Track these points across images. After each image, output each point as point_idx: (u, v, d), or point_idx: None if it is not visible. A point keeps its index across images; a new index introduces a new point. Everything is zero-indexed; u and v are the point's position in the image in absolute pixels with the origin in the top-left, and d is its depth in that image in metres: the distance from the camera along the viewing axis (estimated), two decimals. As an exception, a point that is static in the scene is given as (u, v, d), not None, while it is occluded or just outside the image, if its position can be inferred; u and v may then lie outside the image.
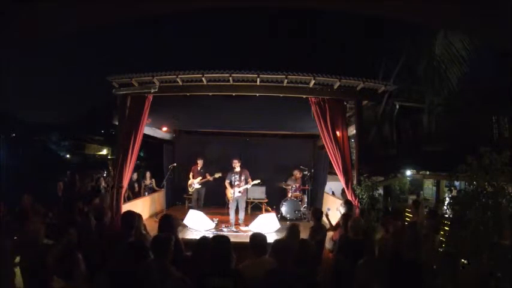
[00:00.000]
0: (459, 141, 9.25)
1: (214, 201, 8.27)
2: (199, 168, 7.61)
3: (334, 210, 5.43)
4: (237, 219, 6.58)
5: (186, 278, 2.33)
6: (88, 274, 2.38)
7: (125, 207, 5.96)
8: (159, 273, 2.41)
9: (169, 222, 3.44)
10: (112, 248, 2.98)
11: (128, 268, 2.46)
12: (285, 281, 2.34)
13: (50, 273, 2.16)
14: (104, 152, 25.52)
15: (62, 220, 5.31)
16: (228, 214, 6.70)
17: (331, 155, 5.92)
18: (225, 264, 2.48)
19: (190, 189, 7.63)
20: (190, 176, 7.66)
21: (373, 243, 3.42)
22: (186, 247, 3.42)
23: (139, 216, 3.66)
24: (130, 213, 3.55)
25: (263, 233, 3.11)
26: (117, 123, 6.38)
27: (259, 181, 6.75)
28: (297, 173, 8.06)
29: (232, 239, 2.73)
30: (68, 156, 20.24)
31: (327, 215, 4.95)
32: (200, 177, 7.49)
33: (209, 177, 7.43)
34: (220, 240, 2.64)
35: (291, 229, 3.60)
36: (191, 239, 5.15)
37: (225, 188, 6.73)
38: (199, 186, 7.47)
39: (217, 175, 7.34)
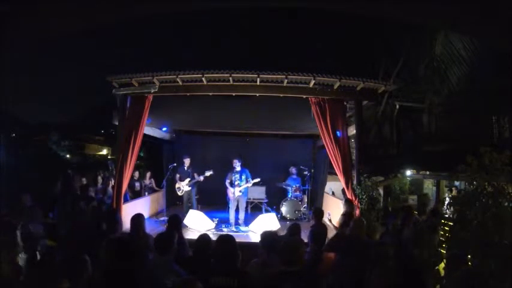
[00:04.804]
0: (459, 141, 9.24)
1: (212, 201, 8.27)
2: (186, 168, 7.35)
3: (334, 212, 5.44)
4: (237, 219, 6.60)
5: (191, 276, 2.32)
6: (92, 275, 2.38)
7: (125, 207, 5.96)
8: (162, 271, 2.41)
9: (177, 221, 3.56)
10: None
11: (127, 267, 2.46)
12: (284, 281, 2.34)
13: (54, 273, 2.16)
14: (104, 152, 25.51)
15: (62, 220, 5.31)
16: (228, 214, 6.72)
17: (331, 155, 5.92)
18: (229, 263, 2.48)
19: (179, 193, 7.34)
20: (177, 177, 7.35)
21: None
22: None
23: (141, 216, 3.68)
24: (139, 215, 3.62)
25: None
26: (117, 123, 6.38)
27: (259, 180, 6.75)
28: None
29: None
30: (68, 156, 20.20)
31: (329, 220, 4.96)
32: (188, 179, 7.22)
33: (198, 177, 7.16)
34: (225, 240, 2.64)
35: (291, 228, 3.64)
36: (191, 239, 5.15)
37: (226, 187, 6.74)
38: (189, 188, 7.23)
39: (208, 173, 7.09)
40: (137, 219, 3.56)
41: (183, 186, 7.24)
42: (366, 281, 2.41)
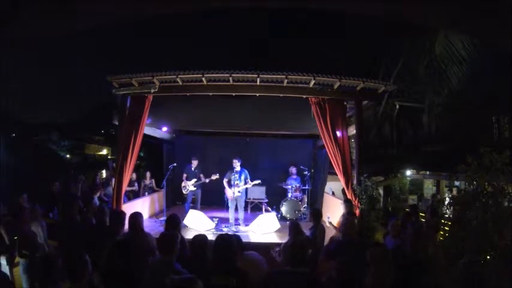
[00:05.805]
0: (459, 141, 9.25)
1: (212, 201, 8.26)
2: (193, 168, 7.40)
3: (334, 212, 5.45)
4: (237, 219, 6.60)
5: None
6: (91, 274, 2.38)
7: (125, 207, 5.96)
8: (164, 271, 2.41)
9: (175, 221, 3.51)
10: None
11: (127, 267, 2.46)
12: (289, 281, 2.34)
13: (55, 273, 2.15)
14: (104, 152, 25.50)
15: (62, 220, 5.31)
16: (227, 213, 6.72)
17: (331, 155, 5.91)
18: (229, 263, 2.48)
19: (184, 191, 7.42)
20: (184, 176, 7.44)
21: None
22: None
23: (140, 215, 3.67)
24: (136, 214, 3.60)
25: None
26: (117, 123, 6.38)
27: (259, 181, 6.75)
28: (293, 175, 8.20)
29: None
30: (68, 156, 20.19)
31: (329, 223, 4.96)
32: (195, 179, 7.29)
33: (204, 179, 7.24)
34: (224, 239, 2.64)
35: (293, 226, 3.66)
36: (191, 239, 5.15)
37: (224, 187, 6.73)
38: (194, 188, 7.31)
39: (214, 177, 7.13)
40: (135, 217, 3.55)
41: (189, 186, 7.32)
42: (362, 281, 2.41)
